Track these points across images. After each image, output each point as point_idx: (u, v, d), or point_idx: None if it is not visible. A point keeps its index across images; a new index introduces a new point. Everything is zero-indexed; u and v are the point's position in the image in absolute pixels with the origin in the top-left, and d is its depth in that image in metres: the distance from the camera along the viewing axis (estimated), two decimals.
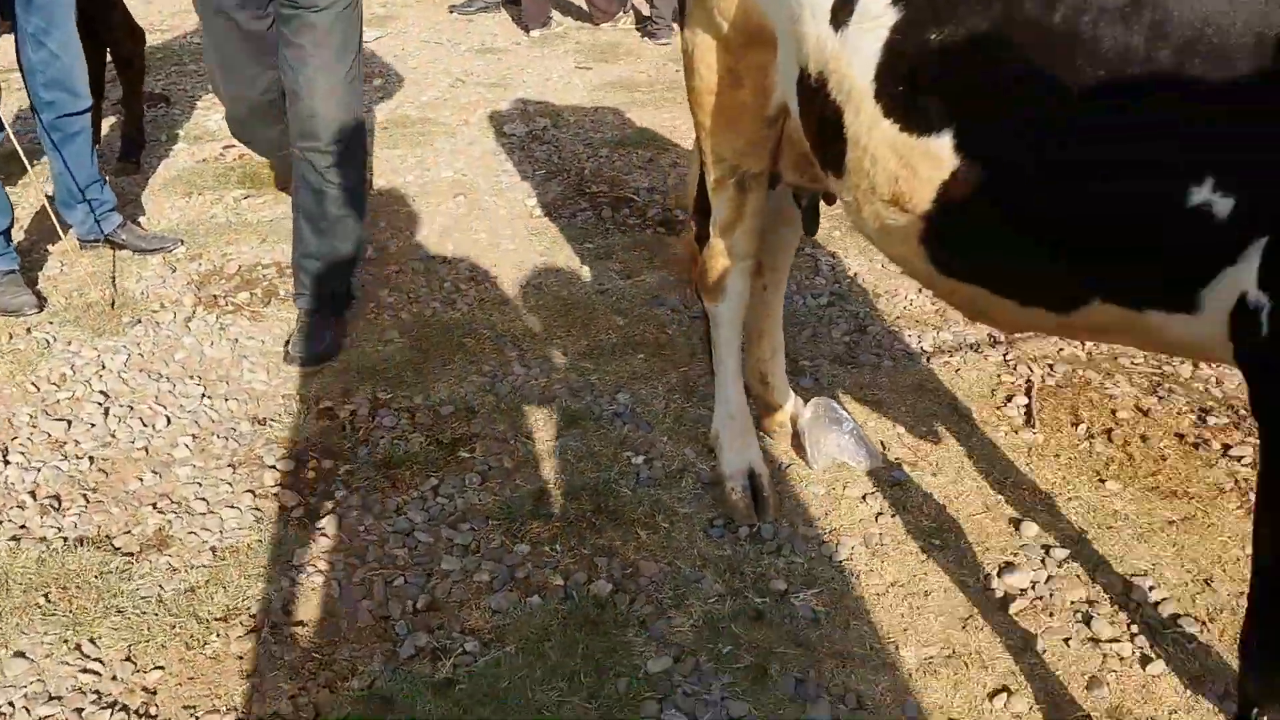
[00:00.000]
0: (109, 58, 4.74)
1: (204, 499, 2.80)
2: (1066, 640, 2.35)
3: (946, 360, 3.45)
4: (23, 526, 2.68)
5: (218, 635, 2.36)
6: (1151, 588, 2.48)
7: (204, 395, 3.24)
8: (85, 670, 2.25)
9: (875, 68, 1.77)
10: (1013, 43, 1.58)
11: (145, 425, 3.09)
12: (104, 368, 3.36)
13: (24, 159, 3.66)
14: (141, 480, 2.87)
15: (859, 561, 2.58)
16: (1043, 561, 2.57)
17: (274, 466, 2.92)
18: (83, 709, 2.16)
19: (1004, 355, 3.46)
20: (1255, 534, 1.63)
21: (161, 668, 2.28)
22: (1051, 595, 2.47)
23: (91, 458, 2.94)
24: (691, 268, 2.98)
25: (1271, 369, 1.53)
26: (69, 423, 3.08)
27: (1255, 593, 1.66)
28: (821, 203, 2.66)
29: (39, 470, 2.88)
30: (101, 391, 3.23)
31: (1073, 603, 2.45)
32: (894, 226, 1.87)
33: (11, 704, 2.16)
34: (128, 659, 2.29)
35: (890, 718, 2.17)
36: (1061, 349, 3.48)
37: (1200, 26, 1.42)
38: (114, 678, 2.24)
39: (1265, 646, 1.65)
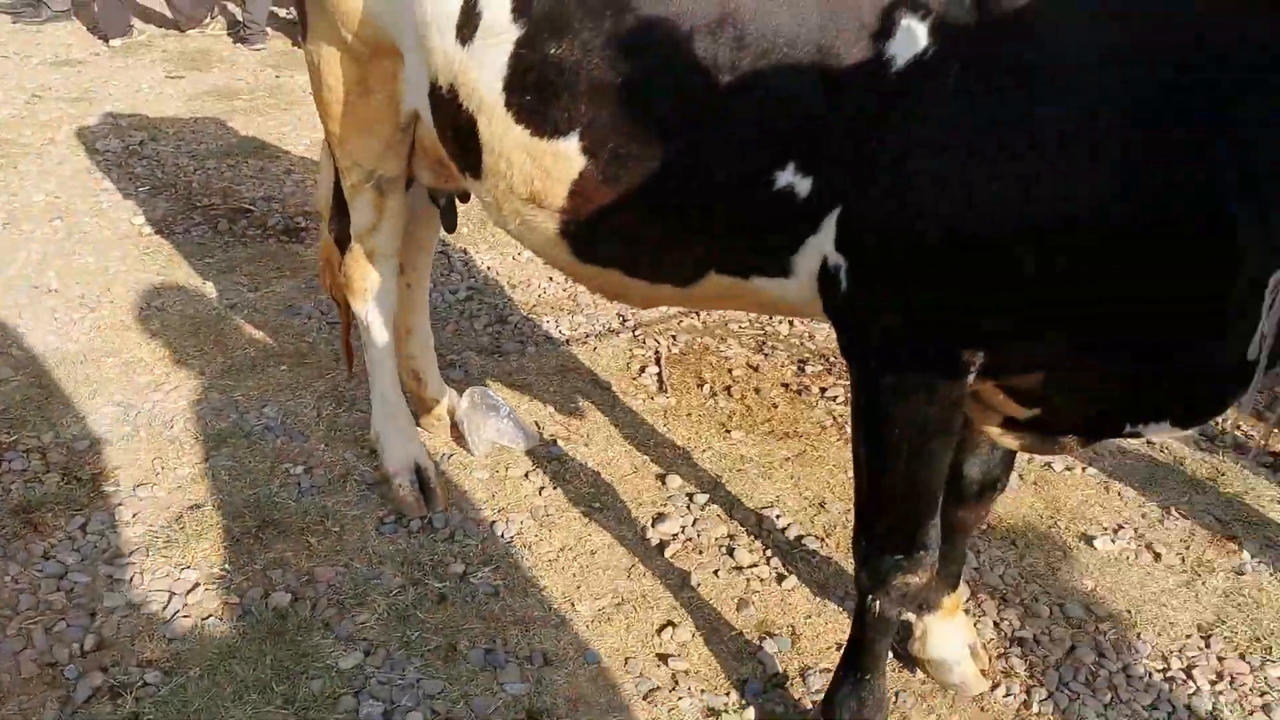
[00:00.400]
0: None
1: None
2: (716, 572, 2.66)
3: (583, 342, 3.71)
4: None
5: None
6: (778, 516, 2.85)
7: None
8: None
9: (503, 80, 1.92)
10: (623, 54, 1.79)
11: None
12: None
13: None
14: None
15: (529, 534, 2.75)
16: (688, 508, 2.88)
17: None
18: None
19: (633, 332, 3.77)
20: (854, 455, 1.97)
21: None
22: (699, 535, 2.77)
23: None
24: (327, 273, 3.00)
25: (853, 318, 1.85)
26: None
27: (858, 503, 1.99)
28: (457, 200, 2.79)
29: None
30: None
31: (717, 539, 2.77)
32: (534, 222, 2.04)
33: None
34: None
35: (576, 668, 2.36)
36: (681, 321, 3.85)
37: (773, 39, 1.69)
38: None
39: (870, 545, 1.99)
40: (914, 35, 1.56)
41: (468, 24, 1.95)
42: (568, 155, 1.89)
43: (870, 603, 2.02)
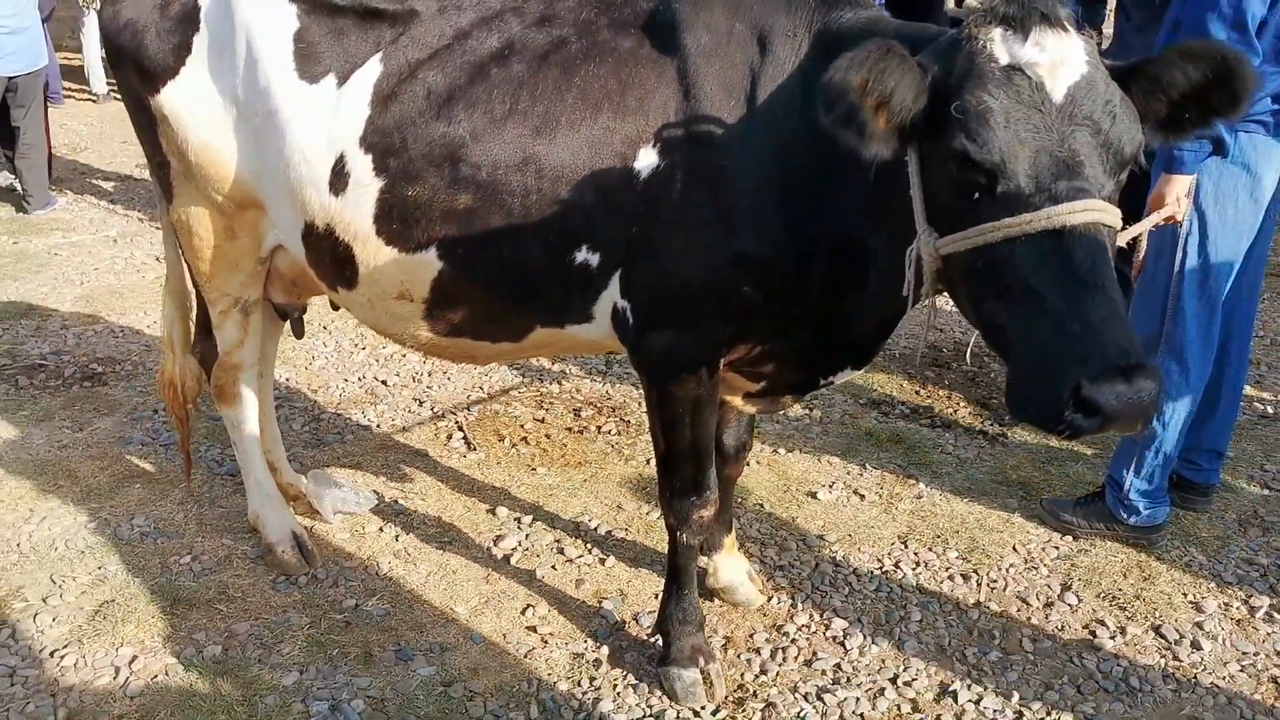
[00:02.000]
0: None
1: None
2: (553, 566, 3.44)
3: (391, 423, 4.41)
4: None
5: None
6: (589, 520, 3.68)
7: None
8: None
9: (373, 216, 2.66)
10: (461, 188, 2.54)
11: None
12: None
13: None
14: None
15: (398, 570, 3.42)
16: (519, 527, 3.65)
17: None
18: None
19: (431, 410, 4.52)
20: (652, 432, 2.81)
21: None
22: (533, 544, 3.55)
23: None
24: (171, 393, 3.52)
25: (639, 340, 2.69)
26: None
27: (659, 464, 2.82)
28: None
29: None
30: None
31: (547, 544, 3.55)
32: (402, 313, 2.79)
33: None
34: None
35: (468, 648, 3.06)
36: (469, 395, 4.64)
37: (560, 168, 2.51)
38: None
39: (671, 493, 2.81)
40: (650, 156, 2.46)
41: (338, 181, 2.68)
42: (428, 262, 2.66)
43: (678, 535, 2.87)
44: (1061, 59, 1.86)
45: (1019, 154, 1.83)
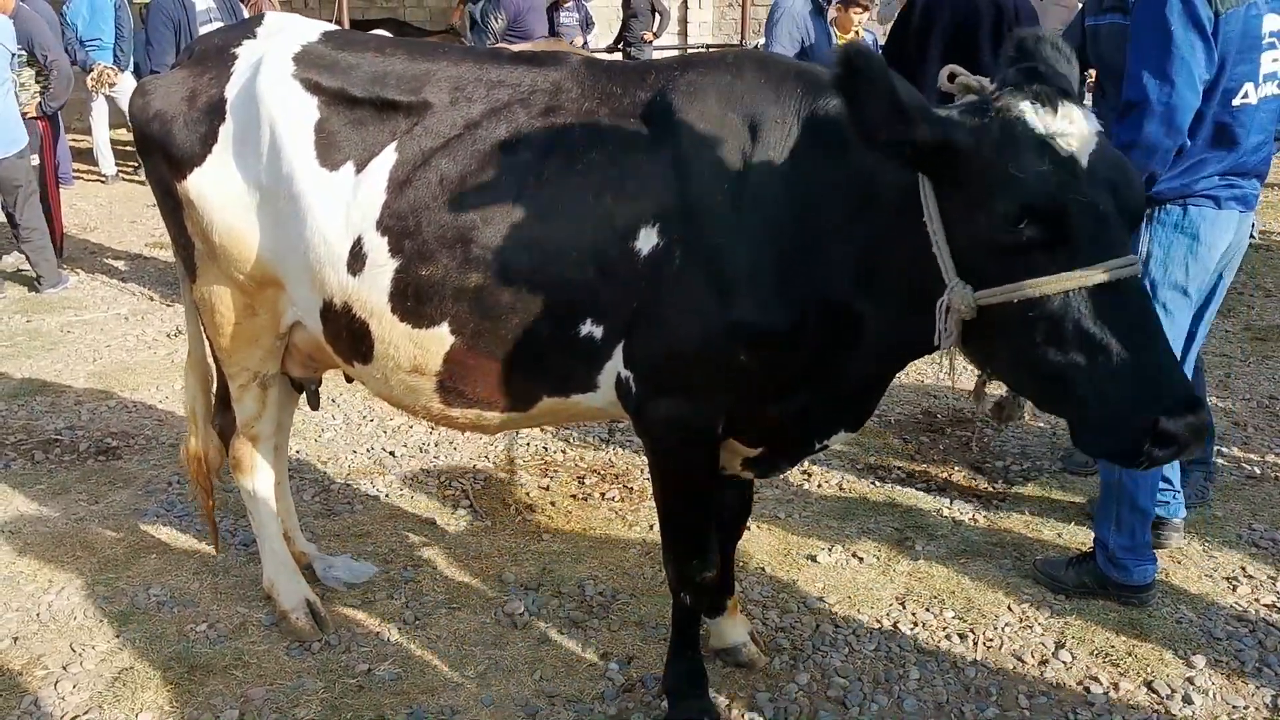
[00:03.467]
0: None
1: None
2: (561, 630, 3.53)
3: (400, 494, 4.52)
4: None
5: None
6: (595, 585, 3.78)
7: None
8: None
9: (389, 294, 2.80)
10: (472, 268, 2.69)
11: None
12: None
13: None
14: None
15: (408, 635, 3.51)
16: (526, 592, 3.74)
17: None
18: None
19: (438, 479, 4.63)
20: (656, 497, 2.93)
21: None
22: (540, 610, 3.64)
23: None
24: (196, 466, 3.66)
25: (641, 410, 2.82)
26: None
27: (663, 530, 2.94)
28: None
29: None
30: None
31: (554, 609, 3.64)
32: (416, 386, 2.93)
33: None
34: None
35: (478, 710, 3.14)
36: (475, 465, 4.76)
37: (565, 248, 2.67)
38: None
39: (675, 558, 2.94)
40: (650, 236, 2.61)
41: (356, 261, 2.83)
42: (441, 337, 2.80)
43: (682, 597, 2.98)
44: (1083, 130, 2.06)
45: (1070, 213, 2.01)
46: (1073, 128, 2.05)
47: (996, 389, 2.46)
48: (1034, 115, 2.06)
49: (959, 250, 2.17)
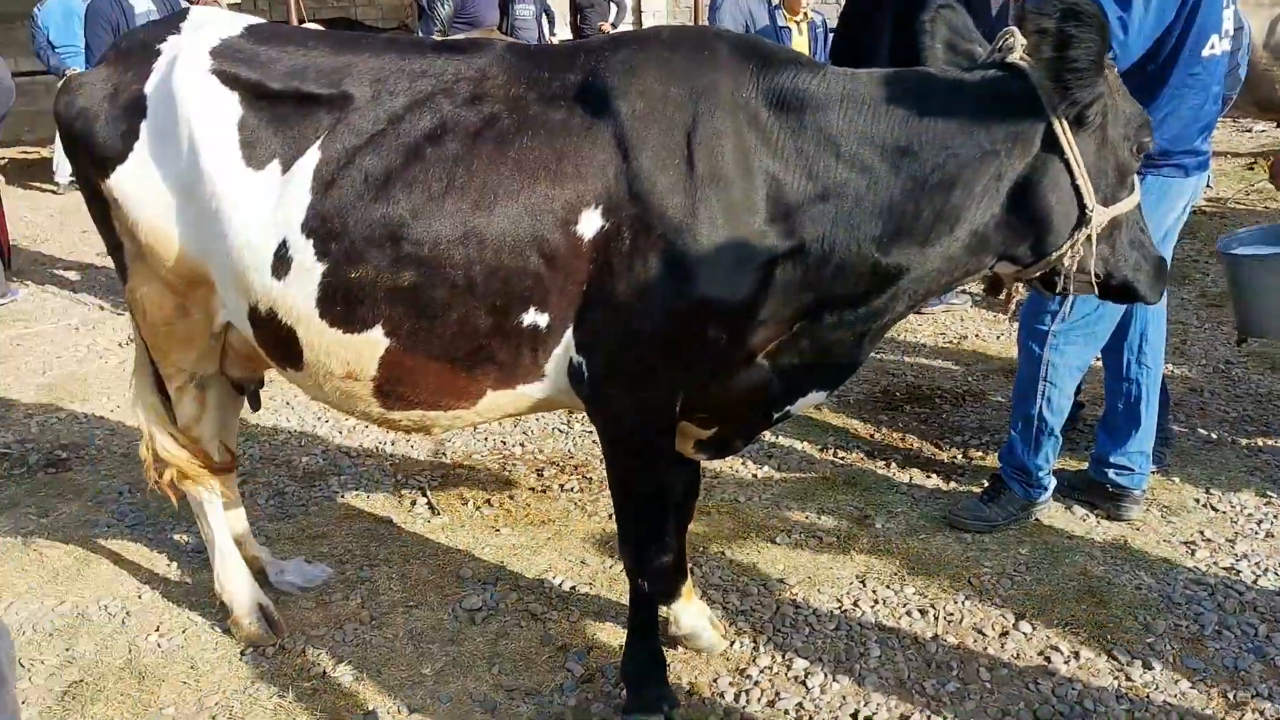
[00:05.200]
0: None
1: None
2: (519, 623, 3.48)
3: (354, 493, 4.46)
4: None
5: None
6: (554, 577, 3.74)
7: None
8: None
9: (316, 299, 2.73)
10: (405, 265, 2.61)
11: None
12: None
13: None
14: None
15: (364, 635, 3.45)
16: (484, 587, 3.69)
17: None
18: None
19: (394, 478, 4.57)
20: (610, 481, 2.89)
21: None
22: (498, 604, 3.59)
23: None
24: (155, 468, 3.56)
25: (597, 394, 2.76)
26: None
27: (619, 515, 2.91)
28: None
29: None
30: None
31: (513, 603, 3.60)
32: (352, 391, 2.86)
33: None
34: None
35: (436, 708, 3.09)
36: (431, 461, 4.70)
37: (503, 237, 2.61)
38: None
39: (632, 543, 2.91)
40: (593, 218, 2.56)
41: (281, 265, 2.74)
42: (374, 340, 2.73)
43: (640, 584, 2.94)
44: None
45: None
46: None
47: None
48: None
49: (1092, 178, 2.55)
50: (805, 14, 7.28)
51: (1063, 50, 2.39)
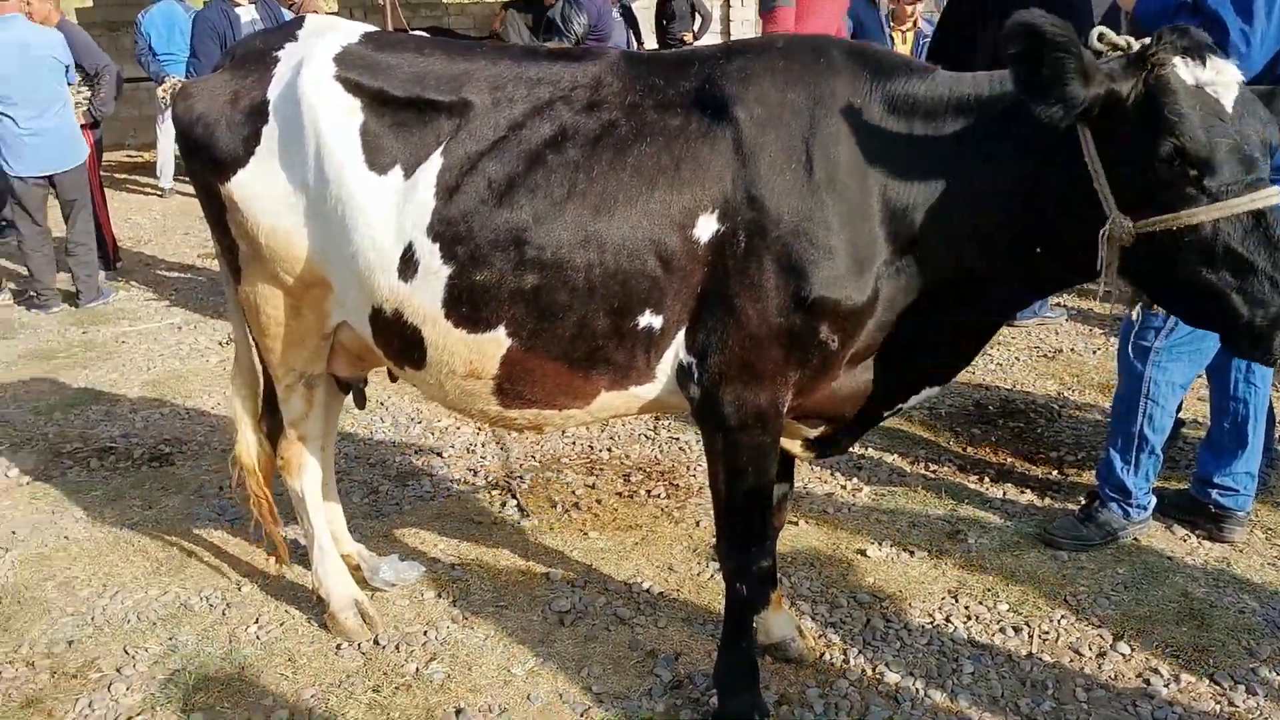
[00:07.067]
0: None
1: None
2: (607, 627, 3.51)
3: (447, 495, 4.53)
4: None
5: None
6: (641, 582, 3.75)
7: None
8: None
9: (443, 301, 2.80)
10: (527, 269, 2.68)
11: None
12: None
13: None
14: None
15: (455, 634, 3.51)
16: (572, 590, 3.72)
17: None
18: None
19: (485, 479, 4.63)
20: (712, 485, 2.90)
21: None
22: (587, 607, 3.62)
23: None
24: (253, 476, 3.65)
25: (703, 397, 2.77)
26: None
27: (719, 518, 2.91)
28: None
29: None
30: None
31: (600, 606, 3.62)
32: (472, 390, 2.92)
33: None
34: None
35: (526, 708, 3.13)
36: (522, 464, 4.75)
37: (622, 242, 2.63)
38: None
39: (732, 545, 2.89)
40: (710, 222, 2.60)
41: (408, 268, 2.82)
42: (497, 340, 2.80)
43: (738, 588, 2.94)
44: (1228, 79, 2.27)
45: (1222, 152, 2.23)
46: (1220, 77, 2.27)
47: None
48: (1185, 69, 2.27)
49: (1117, 188, 2.33)
50: (914, 22, 7.24)
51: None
